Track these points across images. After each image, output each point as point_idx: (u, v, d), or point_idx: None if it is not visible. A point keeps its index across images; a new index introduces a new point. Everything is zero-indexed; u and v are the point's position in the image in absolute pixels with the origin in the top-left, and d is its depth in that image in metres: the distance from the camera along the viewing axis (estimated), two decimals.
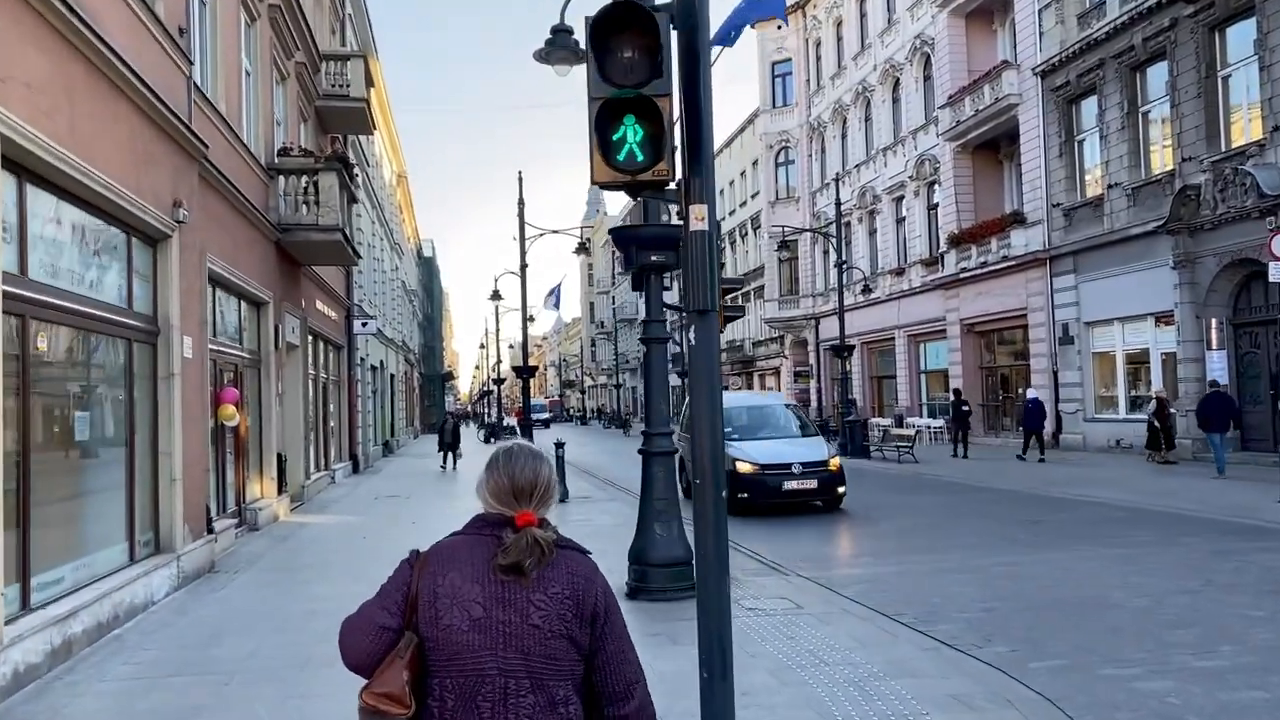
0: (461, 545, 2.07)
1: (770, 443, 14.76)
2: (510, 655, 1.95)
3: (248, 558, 10.70)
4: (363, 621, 2.07)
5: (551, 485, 2.16)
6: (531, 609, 1.97)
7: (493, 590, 1.97)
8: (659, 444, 8.09)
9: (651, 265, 7.95)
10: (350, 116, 20.48)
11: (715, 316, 3.96)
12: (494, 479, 2.12)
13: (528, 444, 2.22)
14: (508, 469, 2.11)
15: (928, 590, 8.30)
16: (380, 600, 2.08)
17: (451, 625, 1.96)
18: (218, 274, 11.35)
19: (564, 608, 1.99)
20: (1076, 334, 23.91)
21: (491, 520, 2.08)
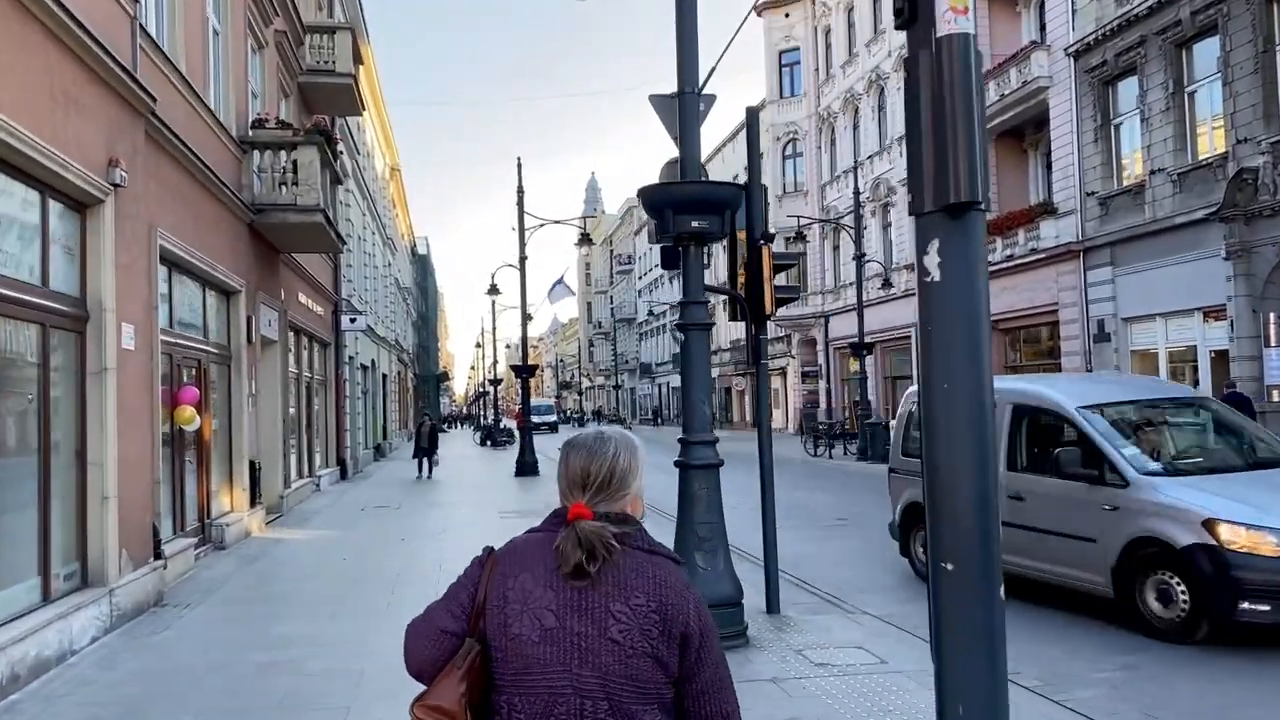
0: (535, 544, 1.82)
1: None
2: (586, 673, 1.70)
3: (206, 585, 9.12)
4: (426, 624, 1.87)
5: (618, 474, 1.85)
6: (610, 621, 1.71)
7: (567, 597, 1.73)
8: (700, 454, 6.55)
9: (691, 233, 6.41)
10: (337, 95, 18.90)
11: (980, 220, 2.45)
12: (559, 467, 1.92)
13: (606, 429, 1.94)
14: (566, 457, 1.90)
15: (1030, 635, 6.76)
16: (446, 601, 1.87)
17: (521, 635, 1.73)
18: (174, 254, 9.79)
19: (648, 622, 1.72)
20: (1113, 331, 22.39)
21: (560, 515, 1.84)
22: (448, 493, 18.95)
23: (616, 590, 1.74)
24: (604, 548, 1.73)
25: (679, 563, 1.85)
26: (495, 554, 1.87)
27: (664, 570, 1.79)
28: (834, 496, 16.20)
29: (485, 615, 1.78)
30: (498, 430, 41.65)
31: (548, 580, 1.75)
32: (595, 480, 1.84)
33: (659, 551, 1.84)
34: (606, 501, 1.84)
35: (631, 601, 1.73)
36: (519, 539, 1.88)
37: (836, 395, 38.73)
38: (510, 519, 14.04)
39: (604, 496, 1.84)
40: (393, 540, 12.07)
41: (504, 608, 1.75)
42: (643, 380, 75.67)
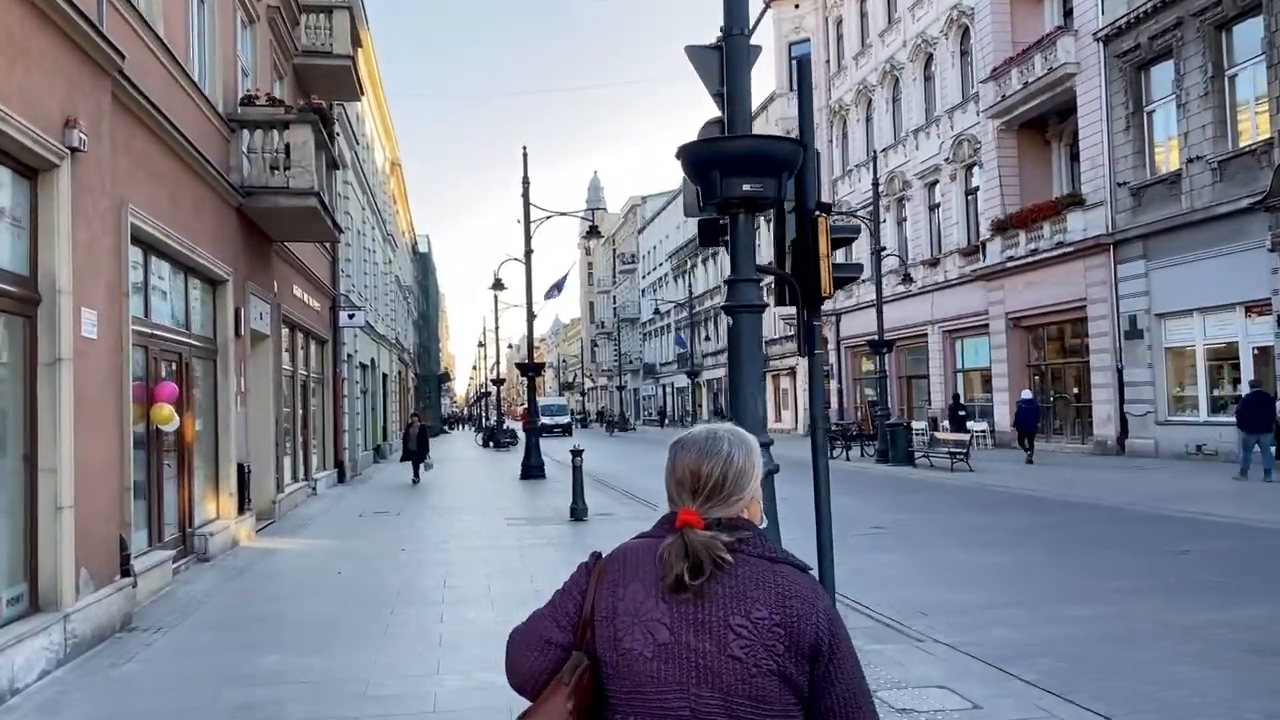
0: (645, 550, 1.68)
1: None
2: (706, 693, 1.56)
3: (183, 604, 8.14)
4: (529, 634, 1.75)
5: (732, 475, 1.68)
6: (730, 636, 1.57)
7: (683, 609, 1.59)
8: None
9: (742, 199, 5.44)
10: (334, 78, 17.91)
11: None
12: (667, 469, 1.76)
13: (717, 426, 1.77)
14: (674, 459, 1.74)
15: (1139, 669, 5.77)
16: (551, 610, 1.75)
17: (633, 650, 1.60)
18: (150, 235, 8.82)
19: (773, 637, 1.57)
20: (1146, 327, 21.43)
21: (669, 520, 1.70)
22: (450, 497, 17.97)
23: (735, 603, 1.60)
24: (712, 561, 1.59)
25: (805, 570, 1.68)
26: (603, 560, 1.76)
27: (788, 579, 1.64)
28: (863, 502, 15.20)
29: (594, 627, 1.67)
30: (500, 431, 40.64)
31: (660, 591, 1.62)
32: (707, 483, 1.69)
33: (782, 559, 1.67)
34: (720, 506, 1.69)
35: (753, 615, 1.59)
36: (628, 544, 1.76)
37: (849, 395, 37.76)
38: (518, 526, 13.08)
39: (717, 501, 1.69)
40: (392, 551, 11.08)
41: (613, 620, 1.64)
42: (646, 381, 74.70)
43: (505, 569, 9.64)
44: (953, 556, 10.02)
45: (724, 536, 1.62)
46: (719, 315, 55.01)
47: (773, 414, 47.28)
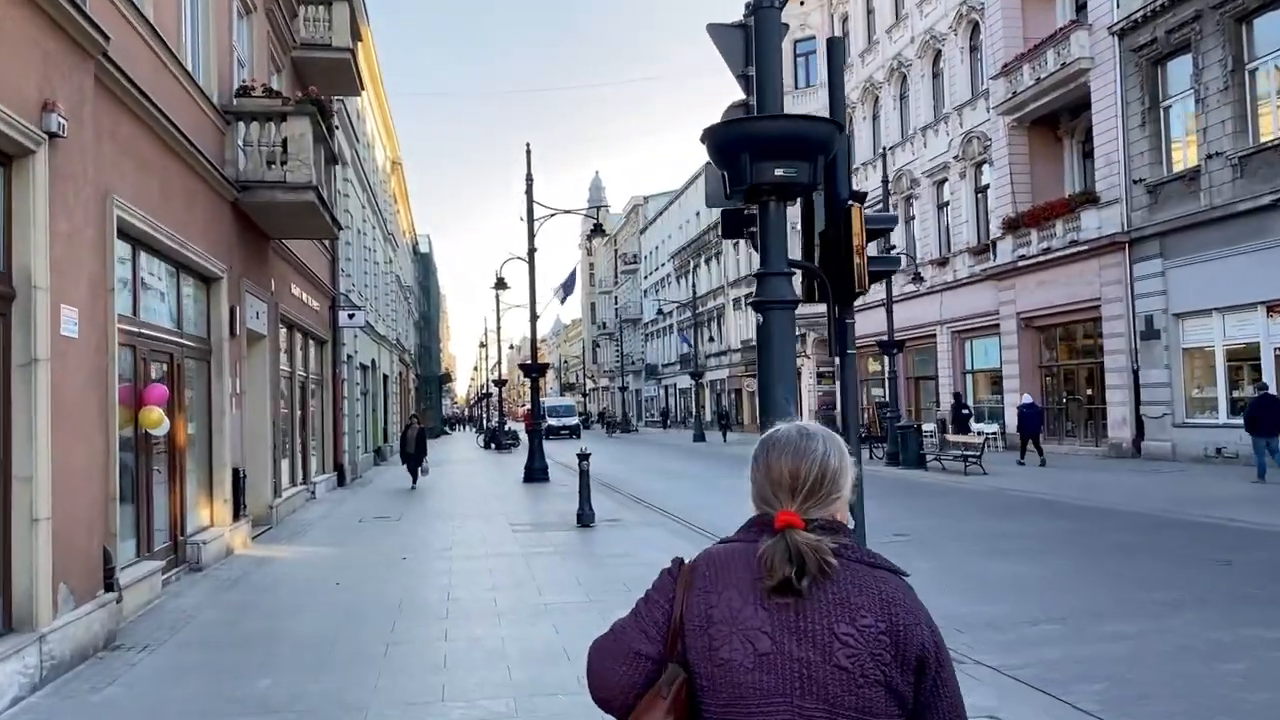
0: (736, 555, 1.62)
1: None
2: (811, 705, 1.49)
3: (172, 619, 7.70)
4: (615, 645, 1.67)
5: (830, 474, 1.62)
6: (836, 644, 1.50)
7: (783, 617, 1.53)
8: None
9: (773, 185, 5.00)
10: (333, 72, 17.47)
11: None
12: (753, 471, 1.71)
13: (805, 424, 1.70)
14: (765, 457, 1.68)
15: (1203, 693, 5.32)
16: (637, 620, 1.67)
17: (731, 661, 1.53)
18: (138, 229, 8.39)
19: (879, 646, 1.50)
20: (1163, 327, 20.96)
21: (763, 523, 1.64)
22: (452, 502, 17.53)
23: (840, 609, 1.53)
24: (820, 563, 1.53)
25: (903, 575, 1.62)
26: (689, 565, 1.67)
27: (890, 586, 1.57)
28: (878, 507, 14.68)
29: (685, 636, 1.59)
30: (502, 433, 40.18)
31: (757, 598, 1.55)
32: (806, 483, 1.63)
33: (881, 564, 1.61)
34: (818, 507, 1.62)
35: (859, 622, 1.52)
36: (715, 549, 1.68)
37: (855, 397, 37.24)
38: (524, 532, 12.63)
39: (815, 501, 1.62)
40: (393, 559, 10.64)
41: (708, 629, 1.56)
42: (648, 382, 74.24)
43: (511, 579, 9.19)
44: (981, 566, 9.56)
45: (828, 540, 1.56)
46: (722, 315, 54.56)
47: None
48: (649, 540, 11.73)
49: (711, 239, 55.17)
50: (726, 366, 53.61)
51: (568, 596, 8.27)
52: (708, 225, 55.60)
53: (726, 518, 14.13)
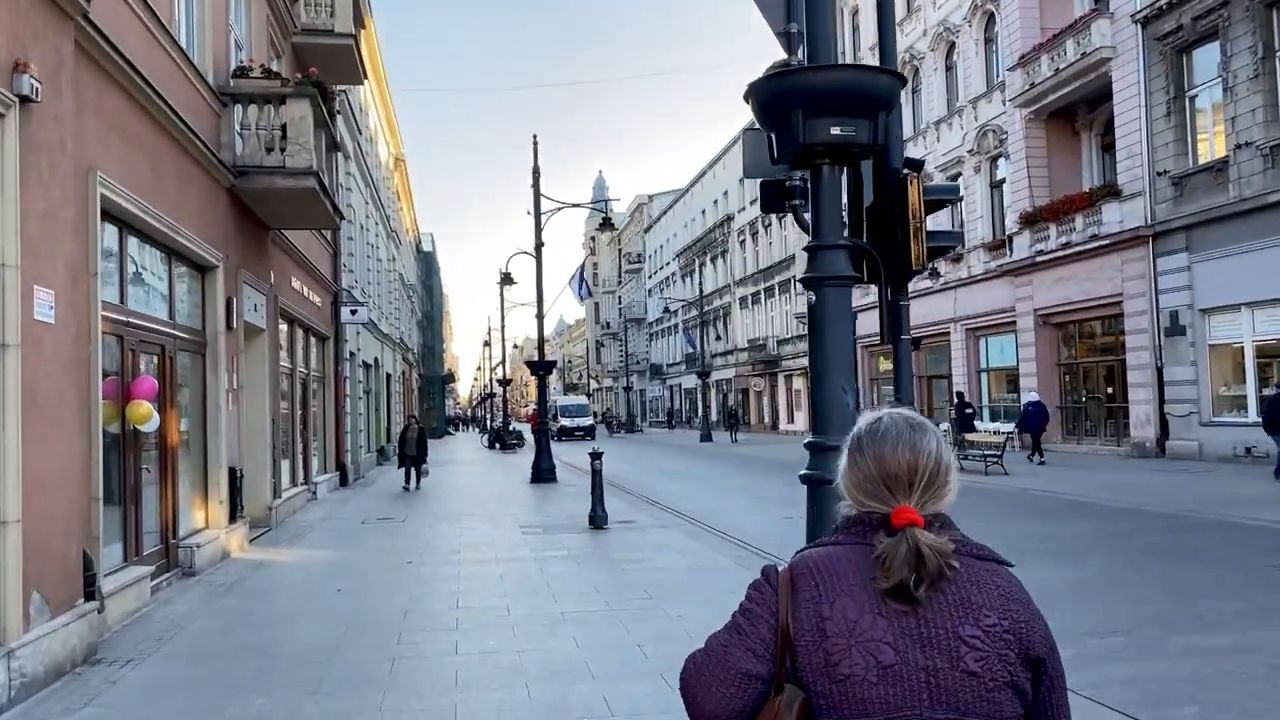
0: (844, 559, 1.50)
1: None
2: (940, 715, 1.41)
3: (160, 629, 7.14)
4: (719, 666, 1.52)
5: (943, 467, 1.53)
6: (963, 649, 1.42)
7: (904, 624, 1.44)
8: None
9: (828, 146, 4.42)
10: (335, 59, 16.91)
11: None
12: (856, 465, 1.58)
13: (904, 411, 1.59)
14: (873, 448, 1.55)
15: None
16: (738, 635, 1.53)
17: (852, 675, 1.42)
18: (125, 211, 7.83)
19: (1004, 645, 1.43)
20: (1189, 323, 20.36)
21: (868, 523, 1.53)
22: (458, 503, 16.97)
23: (962, 610, 1.44)
24: (942, 565, 1.44)
25: (1007, 565, 1.53)
26: (787, 573, 1.54)
27: (1004, 580, 1.50)
28: None
29: (796, 652, 1.47)
30: (507, 433, 39.62)
31: (874, 605, 1.45)
32: (924, 476, 1.51)
33: (989, 555, 1.52)
34: (934, 501, 1.51)
35: (983, 623, 1.44)
36: (816, 554, 1.55)
37: (866, 396, 36.70)
38: (535, 535, 12.07)
39: (930, 496, 1.51)
40: (398, 564, 10.08)
41: (823, 642, 1.45)
42: (653, 382, 73.68)
43: (524, 585, 8.62)
44: (1022, 572, 8.93)
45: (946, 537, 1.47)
46: (728, 314, 53.98)
47: (784, 416, 46.29)
48: (665, 543, 11.16)
49: (717, 237, 54.64)
50: (733, 366, 53.04)
51: (586, 605, 7.70)
52: (714, 223, 55.08)
53: (743, 520, 13.52)
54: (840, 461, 1.65)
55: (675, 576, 8.97)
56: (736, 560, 9.93)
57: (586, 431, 49.00)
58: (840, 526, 1.58)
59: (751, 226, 48.81)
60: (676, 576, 8.97)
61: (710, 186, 56.94)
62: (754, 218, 48.12)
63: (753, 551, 10.51)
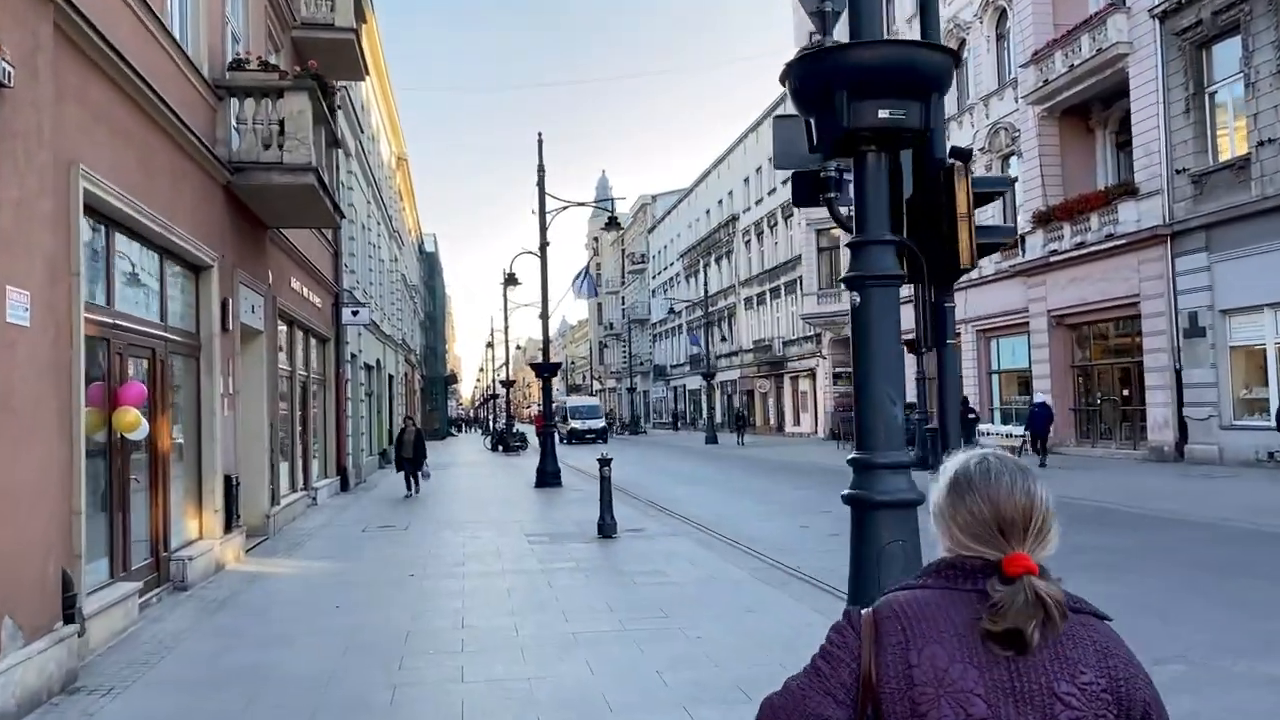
0: (935, 605, 1.44)
1: None
2: None
3: (147, 651, 6.71)
4: (795, 710, 1.45)
5: (1051, 515, 1.47)
6: (1058, 706, 1.35)
7: (997, 676, 1.37)
8: (890, 485, 4.11)
9: (874, 130, 4.00)
10: (336, 54, 16.46)
11: None
12: (965, 505, 1.47)
13: (992, 454, 1.53)
14: (986, 490, 1.46)
15: None
16: (818, 679, 1.46)
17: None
18: (112, 207, 7.41)
19: (1102, 705, 1.36)
20: (1209, 324, 19.90)
21: (968, 568, 1.45)
22: (461, 508, 16.54)
23: (1058, 666, 1.37)
24: (1063, 613, 1.38)
25: (1105, 619, 1.45)
26: (872, 616, 1.47)
27: (1103, 635, 1.42)
28: (921, 517, 13.71)
29: (879, 700, 1.41)
30: (510, 435, 39.19)
31: (966, 654, 1.38)
32: (1037, 523, 1.44)
33: (1085, 608, 1.44)
34: (1040, 550, 1.44)
35: (1079, 680, 1.37)
36: (903, 597, 1.47)
37: None
38: (541, 544, 11.64)
39: (1040, 543, 1.44)
40: (400, 576, 9.64)
41: (909, 691, 1.38)
42: (657, 383, 73.23)
43: (533, 601, 8.19)
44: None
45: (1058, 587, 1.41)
46: (733, 315, 53.52)
47: (790, 418, 45.82)
48: (677, 553, 10.73)
49: (722, 237, 54.20)
50: (738, 367, 52.60)
51: (599, 624, 7.26)
52: (718, 223, 54.63)
53: (755, 527, 13.01)
54: (936, 498, 1.53)
55: (689, 590, 8.53)
56: (751, 572, 9.51)
57: (598, 434, 45.84)
58: (932, 569, 1.49)
59: (757, 227, 48.35)
60: (691, 590, 8.54)
61: (715, 186, 56.51)
62: (759, 218, 47.68)
63: (769, 563, 10.09)
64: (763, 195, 47.12)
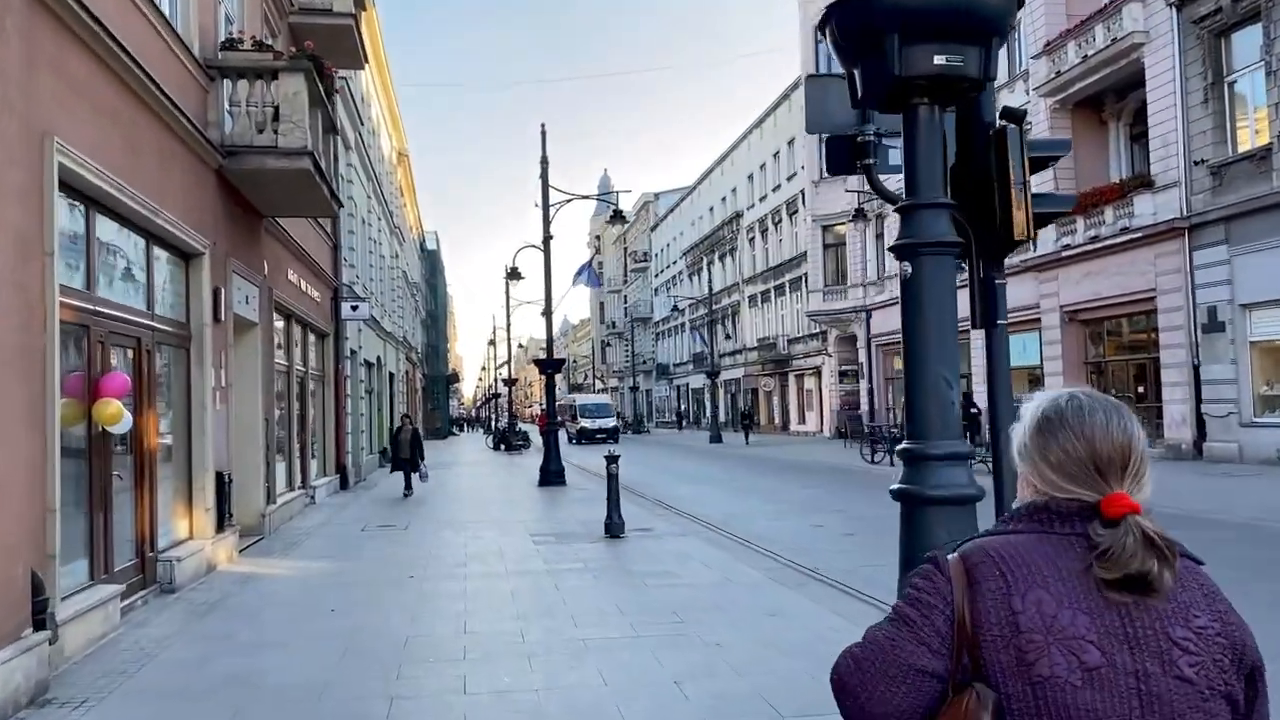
0: (1034, 548, 1.34)
1: None
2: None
3: (127, 659, 6.27)
4: (885, 660, 1.36)
5: (1146, 454, 1.39)
6: (1176, 651, 1.28)
7: (1109, 622, 1.29)
8: (945, 478, 3.65)
9: (930, 79, 3.56)
10: (334, 40, 16.02)
11: None
12: (1058, 443, 1.38)
13: (1080, 390, 1.45)
14: (1080, 427, 1.38)
15: None
16: (910, 629, 1.36)
17: (1053, 678, 1.27)
18: (93, 186, 6.97)
19: (1218, 650, 1.30)
20: (1228, 319, 19.43)
21: (1062, 510, 1.36)
22: (463, 508, 16.10)
23: (1171, 609, 1.31)
24: (1174, 556, 1.31)
25: (1202, 564, 1.40)
26: (962, 561, 1.36)
27: (1204, 578, 1.38)
28: None
29: (981, 649, 1.31)
30: (512, 433, 38.74)
31: (1074, 600, 1.29)
32: (1136, 459, 1.36)
33: (1183, 551, 1.36)
34: (1138, 491, 1.35)
35: (1194, 624, 1.31)
36: (995, 542, 1.37)
37: (880, 395, 35.81)
38: (547, 544, 11.20)
39: (1137, 484, 1.35)
40: (400, 577, 9.20)
41: (1015, 639, 1.29)
42: (660, 382, 72.78)
43: (539, 605, 7.75)
44: None
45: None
46: (737, 313, 53.05)
47: (795, 416, 45.35)
48: (688, 554, 10.28)
49: (725, 235, 53.74)
50: (742, 365, 52.13)
51: (609, 630, 6.82)
52: (722, 221, 54.17)
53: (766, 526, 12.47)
54: (1020, 438, 1.45)
55: (703, 593, 8.08)
56: (767, 573, 9.06)
57: (609, 434, 43.16)
58: (1021, 513, 1.41)
59: (761, 224, 47.88)
60: (705, 593, 8.09)
61: (718, 183, 56.05)
62: (763, 215, 47.22)
63: (784, 563, 9.64)
64: (767, 192, 46.65)
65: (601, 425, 44.20)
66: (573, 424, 45.44)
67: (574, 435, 44.12)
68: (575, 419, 45.87)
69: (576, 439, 43.57)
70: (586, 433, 43.59)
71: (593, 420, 45.07)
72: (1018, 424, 1.47)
